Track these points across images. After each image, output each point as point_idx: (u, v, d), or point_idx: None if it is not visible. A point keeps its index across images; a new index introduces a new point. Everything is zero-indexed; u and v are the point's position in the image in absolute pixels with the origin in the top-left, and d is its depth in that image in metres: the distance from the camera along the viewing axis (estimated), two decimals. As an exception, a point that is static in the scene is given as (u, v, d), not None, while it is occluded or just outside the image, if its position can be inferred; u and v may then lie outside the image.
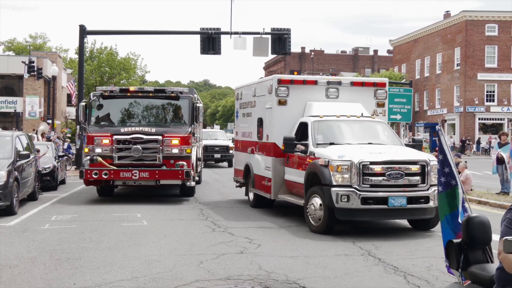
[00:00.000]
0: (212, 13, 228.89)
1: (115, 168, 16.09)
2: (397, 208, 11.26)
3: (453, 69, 61.94)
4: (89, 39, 58.88)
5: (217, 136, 35.18)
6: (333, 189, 11.20)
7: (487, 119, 60.19)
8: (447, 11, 66.18)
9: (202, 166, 23.26)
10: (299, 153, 12.78)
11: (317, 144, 12.43)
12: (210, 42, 26.41)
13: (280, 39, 26.69)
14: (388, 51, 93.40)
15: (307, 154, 12.44)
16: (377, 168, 11.20)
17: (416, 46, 70.25)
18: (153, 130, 16.34)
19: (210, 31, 26.41)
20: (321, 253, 9.89)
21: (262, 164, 14.79)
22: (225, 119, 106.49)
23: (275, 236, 11.43)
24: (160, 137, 16.18)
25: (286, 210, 14.82)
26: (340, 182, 11.21)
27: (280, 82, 13.90)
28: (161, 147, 16.20)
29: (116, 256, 9.50)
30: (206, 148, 30.11)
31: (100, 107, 17.02)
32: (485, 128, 59.90)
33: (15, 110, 50.30)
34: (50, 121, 38.48)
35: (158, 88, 17.57)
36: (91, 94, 17.42)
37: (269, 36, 26.69)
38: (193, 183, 17.03)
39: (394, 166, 11.26)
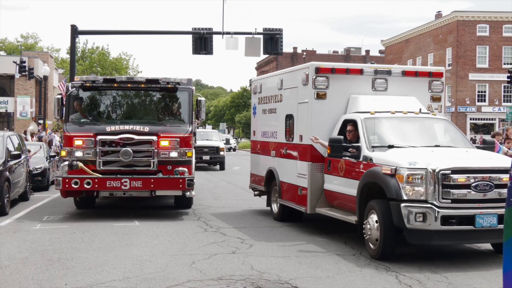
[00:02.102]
0: (205, 14, 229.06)
1: (100, 176, 13.32)
2: (486, 229, 9.03)
3: (444, 69, 62.10)
4: (81, 39, 59.11)
5: (211, 137, 33.81)
6: (403, 205, 8.95)
7: (479, 119, 60.48)
8: (439, 11, 66.47)
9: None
10: (348, 158, 10.63)
11: (373, 147, 10.27)
12: (202, 42, 26.41)
13: (272, 39, 26.73)
14: (380, 51, 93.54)
15: (360, 160, 10.27)
16: (461, 178, 8.99)
17: (407, 46, 70.48)
18: (146, 129, 13.62)
19: (202, 31, 26.40)
20: (313, 253, 9.91)
21: (292, 170, 12.52)
22: (217, 119, 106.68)
23: (267, 236, 11.43)
24: (154, 138, 13.49)
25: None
26: (411, 196, 8.99)
27: (319, 71, 11.67)
28: (156, 150, 13.48)
29: (108, 256, 9.49)
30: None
31: (80, 100, 14.30)
32: (476, 128, 60.16)
33: (6, 110, 50.22)
34: (41, 121, 38.33)
35: (150, 78, 14.33)
36: (69, 84, 14.65)
37: (261, 36, 26.74)
38: (193, 193, 14.14)
39: (482, 176, 9.06)
